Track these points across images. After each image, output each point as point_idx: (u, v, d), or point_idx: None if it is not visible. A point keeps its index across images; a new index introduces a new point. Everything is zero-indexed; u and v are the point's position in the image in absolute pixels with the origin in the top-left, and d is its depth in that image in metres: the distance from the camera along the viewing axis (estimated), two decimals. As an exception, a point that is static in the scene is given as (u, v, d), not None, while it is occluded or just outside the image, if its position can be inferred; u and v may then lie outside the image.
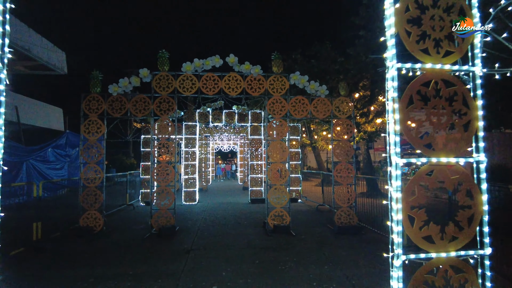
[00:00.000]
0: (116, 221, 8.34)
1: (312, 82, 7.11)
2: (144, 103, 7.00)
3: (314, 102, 7.22)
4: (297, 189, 12.27)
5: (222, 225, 7.73)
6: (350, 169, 7.19)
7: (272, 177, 7.06)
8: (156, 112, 6.96)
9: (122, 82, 6.90)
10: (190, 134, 11.69)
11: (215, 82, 7.01)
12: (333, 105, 7.27)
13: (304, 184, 14.62)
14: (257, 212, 9.61)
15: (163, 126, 7.00)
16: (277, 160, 7.04)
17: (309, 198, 12.51)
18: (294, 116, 7.13)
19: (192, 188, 11.63)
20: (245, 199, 12.64)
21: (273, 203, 6.98)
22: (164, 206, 6.86)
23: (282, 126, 7.06)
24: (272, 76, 7.09)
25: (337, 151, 7.25)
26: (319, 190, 12.34)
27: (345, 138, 7.28)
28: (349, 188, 7.15)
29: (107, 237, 6.64)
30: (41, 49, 15.97)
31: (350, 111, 7.31)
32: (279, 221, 6.95)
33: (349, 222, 7.04)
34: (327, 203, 10.14)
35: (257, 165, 12.13)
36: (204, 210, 10.02)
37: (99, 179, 6.95)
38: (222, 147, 25.13)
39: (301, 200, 12.19)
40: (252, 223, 7.90)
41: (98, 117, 6.99)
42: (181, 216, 8.95)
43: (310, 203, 11.57)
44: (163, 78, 6.97)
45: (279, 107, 7.06)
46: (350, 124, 7.29)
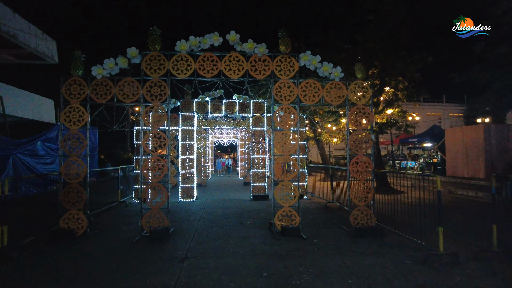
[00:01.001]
0: (105, 221, 7.49)
1: (325, 64, 6.20)
2: (132, 88, 6.11)
3: (327, 87, 6.33)
4: (302, 185, 11.42)
5: (222, 226, 6.88)
6: (368, 163, 6.33)
7: (277, 172, 6.19)
8: (146, 97, 6.07)
9: (108, 63, 6.00)
10: (187, 125, 10.81)
11: (214, 63, 6.11)
12: (349, 90, 6.38)
13: (308, 179, 13.79)
14: (260, 210, 8.77)
15: (154, 114, 6.11)
16: (284, 152, 6.17)
17: (315, 194, 11.67)
18: (305, 103, 6.24)
19: (190, 184, 10.78)
20: (246, 195, 11.80)
21: (280, 201, 6.12)
22: (156, 205, 6.01)
23: (290, 114, 6.18)
24: (279, 56, 6.19)
25: (353, 142, 6.38)
26: (326, 186, 11.50)
27: (363, 128, 6.40)
28: (366, 184, 6.30)
29: (91, 241, 5.80)
30: (29, 36, 14.97)
31: (368, 96, 6.42)
32: (287, 222, 6.11)
33: (366, 223, 6.20)
34: (337, 201, 9.30)
35: (259, 159, 11.27)
36: (202, 208, 9.18)
37: (82, 174, 6.08)
38: (221, 141, 24.27)
39: (307, 196, 11.36)
40: (256, 224, 7.05)
41: (80, 103, 6.10)
42: (177, 215, 8.10)
43: (317, 200, 10.74)
44: (155, 58, 6.07)
45: (287, 92, 6.16)
46: (368, 112, 6.41)
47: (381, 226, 6.36)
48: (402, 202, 6.49)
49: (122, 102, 6.11)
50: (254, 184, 11.09)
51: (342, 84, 6.36)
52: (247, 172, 16.81)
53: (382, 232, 6.08)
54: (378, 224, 6.33)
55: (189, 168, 10.83)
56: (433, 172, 18.37)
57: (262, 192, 11.05)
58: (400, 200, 6.57)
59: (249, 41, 6.04)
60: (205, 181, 16.23)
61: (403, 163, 21.13)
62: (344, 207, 8.38)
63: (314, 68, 6.25)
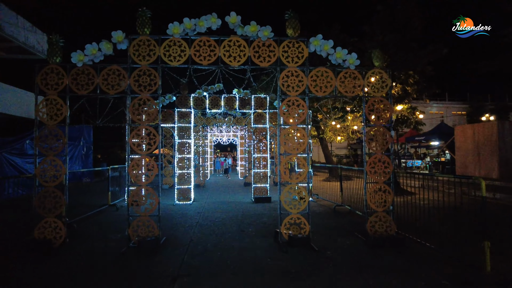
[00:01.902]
0: (90, 228, 6.72)
1: (339, 49, 5.42)
2: (118, 77, 5.33)
3: (341, 76, 5.55)
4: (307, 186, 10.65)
5: (221, 234, 6.11)
6: (387, 163, 5.56)
7: (284, 173, 5.42)
8: (134, 88, 5.29)
9: (90, 49, 5.21)
10: (184, 122, 10.03)
11: (211, 49, 5.33)
12: (365, 79, 5.61)
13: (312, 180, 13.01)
14: (263, 214, 8.00)
15: (142, 107, 5.33)
16: (292, 151, 5.40)
17: (321, 196, 10.90)
18: (315, 94, 5.47)
19: (187, 185, 10.01)
20: (247, 197, 11.03)
21: (288, 207, 5.35)
22: (145, 212, 5.23)
23: (299, 107, 5.40)
24: (286, 41, 5.41)
25: (370, 139, 5.61)
26: (331, 187, 10.74)
27: (381, 122, 5.63)
28: (385, 187, 5.53)
29: (69, 253, 5.02)
30: (17, 29, 14.17)
31: (387, 87, 5.65)
32: (296, 231, 5.34)
33: (385, 231, 5.43)
34: (346, 204, 8.53)
35: (261, 158, 10.51)
36: (199, 211, 8.40)
37: (60, 176, 5.30)
38: (221, 139, 23.50)
39: (312, 198, 10.59)
40: (259, 231, 6.28)
41: (59, 95, 5.32)
42: (172, 220, 7.33)
43: (324, 203, 9.97)
44: (144, 43, 5.29)
45: (295, 82, 5.39)
46: (387, 105, 5.64)
47: (403, 234, 5.59)
48: (419, 205, 5.75)
49: (106, 93, 5.32)
50: (256, 185, 10.32)
51: (357, 73, 5.58)
52: (247, 172, 16.04)
53: (404, 242, 5.31)
54: (398, 232, 5.56)
55: (186, 168, 10.05)
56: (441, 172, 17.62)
57: (264, 194, 10.28)
58: (415, 202, 5.83)
59: (252, 24, 5.25)
60: (204, 181, 15.46)
61: (409, 162, 20.37)
62: (356, 211, 7.62)
63: (326, 55, 5.47)
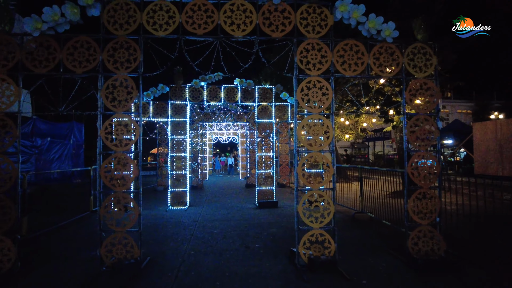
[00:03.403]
0: (60, 242, 5.48)
1: (373, 17, 4.20)
2: (88, 51, 4.10)
3: (375, 51, 4.33)
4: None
5: (220, 252, 4.88)
6: (433, 162, 4.35)
7: (302, 175, 4.20)
8: (108, 65, 4.07)
9: (50, 14, 3.97)
10: (178, 116, 8.80)
11: (208, 15, 4.11)
12: (405, 56, 4.38)
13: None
14: (270, 223, 6.77)
15: (119, 90, 4.10)
16: (313, 147, 4.17)
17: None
18: (342, 73, 4.24)
19: (181, 188, 8.77)
20: (250, 201, 9.81)
21: (308, 220, 4.12)
22: (121, 227, 4.01)
23: (321, 90, 4.18)
24: (305, 5, 4.18)
25: (411, 132, 4.39)
26: (345, 189, 9.52)
27: (425, 111, 4.41)
28: (430, 194, 4.31)
29: (19, 282, 3.79)
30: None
31: (432, 66, 4.42)
32: (318, 251, 4.11)
33: (432, 250, 4.21)
34: (367, 210, 7.31)
35: (266, 157, 9.28)
36: (195, 219, 7.17)
37: (10, 180, 4.07)
38: (220, 138, 22.25)
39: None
40: (268, 248, 5.05)
41: (8, 73, 4.09)
42: (161, 231, 6.09)
43: (338, 208, 8.71)
44: (121, 8, 4.07)
45: (316, 58, 4.17)
46: (433, 88, 4.41)
47: (453, 254, 4.38)
48: (453, 211, 4.61)
49: (72, 72, 4.09)
50: (260, 188, 9.09)
51: (395, 48, 4.35)
52: (249, 172, 14.81)
53: (457, 265, 4.09)
54: (448, 251, 4.34)
55: (181, 169, 8.82)
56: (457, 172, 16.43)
57: (270, 197, 9.05)
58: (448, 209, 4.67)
59: (261, -19, 4.04)
60: (202, 183, 14.22)
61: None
62: (383, 221, 6.41)
63: (356, 24, 4.23)
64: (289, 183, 14.09)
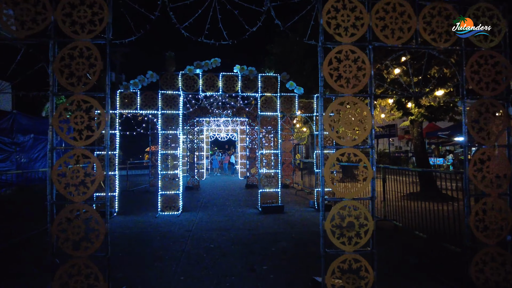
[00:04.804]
0: (11, 265, 4.36)
1: (424, -36, 3.09)
2: (35, 7, 2.96)
3: (425, 13, 3.22)
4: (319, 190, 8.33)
5: (219, 278, 3.76)
6: (503, 162, 3.27)
7: (328, 180, 3.08)
8: (63, 28, 2.94)
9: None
10: (170, 108, 7.66)
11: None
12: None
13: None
14: (278, 233, 5.68)
15: (78, 62, 2.96)
16: (345, 142, 3.07)
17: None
18: (384, 42, 3.14)
19: (174, 191, 7.65)
20: (251, 204, 8.72)
21: (338, 242, 3.01)
22: (81, 252, 2.90)
23: (356, 63, 3.07)
24: None
25: (475, 121, 3.30)
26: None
27: (491, 94, 3.32)
28: (499, 203, 3.23)
29: None
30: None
31: (501, 33, 3.32)
32: (353, 284, 3.01)
33: (506, 281, 3.13)
34: (391, 218, 6.24)
35: (270, 155, 8.18)
36: (189, 229, 6.06)
37: None
38: (218, 135, 21.13)
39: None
40: (280, 271, 3.95)
41: None
42: (147, 246, 4.97)
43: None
44: (80, -50, 2.94)
45: (349, 20, 3.06)
46: (502, 62, 3.32)
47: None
48: None
49: (16, 39, 2.95)
50: (263, 191, 7.99)
51: (452, 9, 3.25)
52: (248, 171, 13.70)
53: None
54: (521, 280, 3.26)
55: (172, 169, 7.69)
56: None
57: (275, 201, 7.95)
58: None
59: None
60: (198, 183, 13.10)
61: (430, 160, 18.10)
62: (416, 232, 5.33)
63: (401, -25, 3.13)
64: (292, 183, 13.02)
